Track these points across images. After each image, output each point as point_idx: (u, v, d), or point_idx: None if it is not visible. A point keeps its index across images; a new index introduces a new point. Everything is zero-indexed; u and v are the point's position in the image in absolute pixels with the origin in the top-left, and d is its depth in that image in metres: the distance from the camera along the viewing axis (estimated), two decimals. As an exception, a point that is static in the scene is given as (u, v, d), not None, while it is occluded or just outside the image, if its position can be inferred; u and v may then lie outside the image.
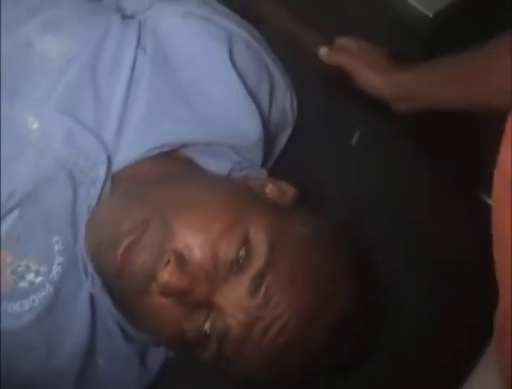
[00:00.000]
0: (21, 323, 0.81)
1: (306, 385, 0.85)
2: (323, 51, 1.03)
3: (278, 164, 1.00)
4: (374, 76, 0.99)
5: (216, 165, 0.90)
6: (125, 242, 0.77)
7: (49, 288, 0.81)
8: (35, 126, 0.83)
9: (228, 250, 0.76)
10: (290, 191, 0.86)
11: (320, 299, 0.78)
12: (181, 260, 0.76)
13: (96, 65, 0.87)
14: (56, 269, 0.82)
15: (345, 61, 1.01)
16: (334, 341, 0.79)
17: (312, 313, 0.77)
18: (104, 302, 0.83)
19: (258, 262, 0.76)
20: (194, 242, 0.77)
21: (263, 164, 0.95)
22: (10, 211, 0.81)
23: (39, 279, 0.81)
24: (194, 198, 0.80)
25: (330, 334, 0.79)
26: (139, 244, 0.77)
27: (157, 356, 0.90)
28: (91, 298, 0.83)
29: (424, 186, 1.05)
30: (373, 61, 1.00)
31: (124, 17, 0.93)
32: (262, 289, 0.76)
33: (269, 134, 0.95)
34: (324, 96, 1.04)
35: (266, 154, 0.95)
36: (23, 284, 0.81)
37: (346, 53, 1.02)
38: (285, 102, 0.98)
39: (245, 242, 0.76)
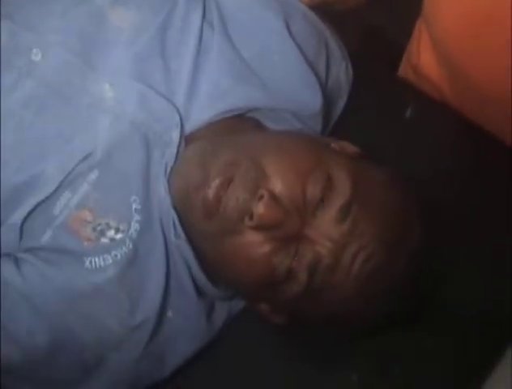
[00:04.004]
0: (106, 277, 0.85)
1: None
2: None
3: (333, 131, 1.04)
4: None
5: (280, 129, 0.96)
6: (217, 181, 0.82)
7: (129, 245, 0.86)
8: (109, 94, 0.88)
9: (315, 188, 0.82)
10: (352, 149, 0.91)
11: (398, 231, 0.84)
12: (274, 196, 0.81)
13: (164, 37, 0.92)
14: (134, 226, 0.86)
15: None
16: (410, 276, 0.85)
17: (392, 242, 0.83)
18: (181, 255, 0.87)
19: (343, 196, 0.82)
20: (284, 180, 0.82)
21: (321, 133, 1.00)
22: (89, 171, 0.86)
23: (119, 235, 0.85)
24: (278, 142, 0.87)
25: (407, 266, 0.85)
26: (232, 182, 0.81)
27: (222, 315, 0.94)
28: (166, 254, 0.87)
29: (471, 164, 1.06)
30: None
31: None
32: (349, 218, 0.81)
33: (325, 103, 0.99)
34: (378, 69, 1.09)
35: (324, 122, 1.00)
36: (104, 240, 0.85)
37: None
38: (340, 72, 1.03)
39: (330, 180, 0.82)
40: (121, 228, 0.85)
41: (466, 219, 1.01)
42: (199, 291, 0.90)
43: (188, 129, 0.90)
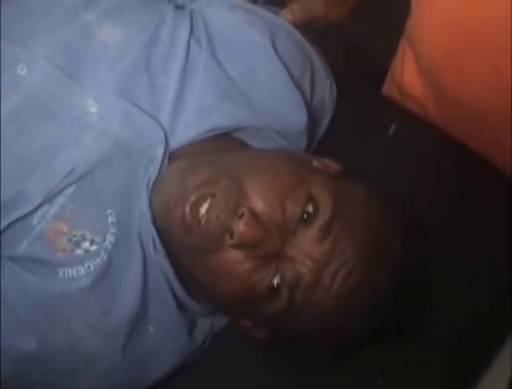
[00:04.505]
0: (78, 286, 0.86)
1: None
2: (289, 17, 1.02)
3: (317, 150, 1.05)
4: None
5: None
6: (194, 198, 0.83)
7: (103, 256, 0.87)
8: (93, 109, 0.89)
9: (295, 206, 0.83)
10: (334, 166, 0.91)
11: (379, 246, 0.85)
12: (255, 214, 0.82)
13: (150, 53, 0.93)
14: (109, 239, 0.87)
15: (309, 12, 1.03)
16: (392, 290, 0.85)
17: (373, 259, 0.84)
18: (161, 270, 0.88)
19: (324, 215, 0.82)
20: (264, 199, 0.83)
21: (305, 150, 1.01)
22: (68, 185, 0.87)
23: (94, 247, 0.87)
24: (259, 160, 0.88)
25: (389, 280, 0.85)
26: (212, 199, 0.82)
27: (204, 330, 0.95)
28: (144, 268, 0.88)
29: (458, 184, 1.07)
30: None
31: (176, 7, 0.99)
32: (330, 237, 0.82)
33: (310, 122, 1.00)
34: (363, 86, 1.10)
35: (308, 140, 1.01)
36: (78, 252, 0.86)
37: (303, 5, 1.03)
38: (324, 90, 1.04)
39: (310, 199, 0.83)
40: (96, 240, 0.87)
41: (455, 233, 1.01)
42: (181, 306, 0.91)
43: (173, 145, 0.91)
